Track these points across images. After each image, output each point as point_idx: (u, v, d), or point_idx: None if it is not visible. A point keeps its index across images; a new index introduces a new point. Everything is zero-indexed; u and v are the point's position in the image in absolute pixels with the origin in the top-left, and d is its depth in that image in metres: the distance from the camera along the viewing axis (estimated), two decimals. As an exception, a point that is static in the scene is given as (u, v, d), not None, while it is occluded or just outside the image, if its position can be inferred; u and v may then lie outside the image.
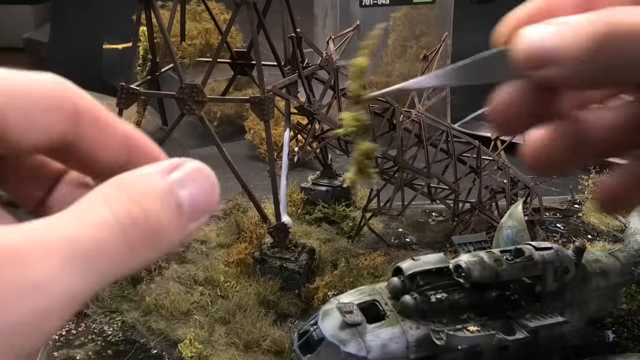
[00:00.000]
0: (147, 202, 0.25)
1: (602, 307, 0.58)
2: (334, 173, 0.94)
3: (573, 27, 0.31)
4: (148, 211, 0.25)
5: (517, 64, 0.33)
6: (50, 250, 0.23)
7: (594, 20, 0.31)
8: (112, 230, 0.24)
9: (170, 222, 0.26)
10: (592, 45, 0.30)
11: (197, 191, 0.27)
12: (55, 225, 0.24)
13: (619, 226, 0.89)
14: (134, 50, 0.65)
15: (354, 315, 0.45)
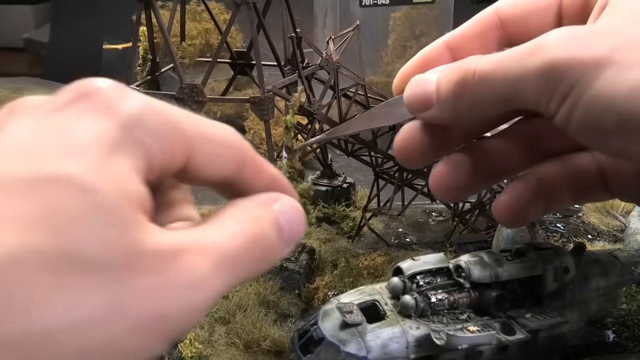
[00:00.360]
0: (264, 225, 0.33)
1: (602, 307, 0.58)
2: (334, 173, 0.94)
3: (441, 75, 0.39)
4: (265, 233, 0.33)
5: (408, 108, 0.41)
6: (206, 253, 0.29)
7: (454, 68, 0.38)
8: (243, 244, 0.31)
9: (277, 244, 0.34)
10: (452, 90, 0.38)
11: (293, 222, 0.35)
12: (206, 232, 0.30)
13: (619, 226, 0.89)
14: (134, 50, 0.65)
15: (354, 315, 0.45)
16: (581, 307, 0.56)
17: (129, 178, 0.28)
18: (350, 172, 1.01)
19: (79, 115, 0.28)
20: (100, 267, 0.26)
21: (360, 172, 1.04)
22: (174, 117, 0.31)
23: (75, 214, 0.26)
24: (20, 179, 0.26)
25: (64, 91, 0.30)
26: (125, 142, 0.29)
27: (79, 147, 0.27)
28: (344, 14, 1.31)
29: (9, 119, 0.29)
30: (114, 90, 0.30)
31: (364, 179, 1.01)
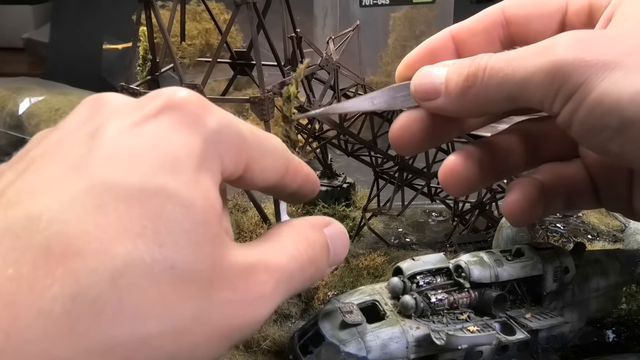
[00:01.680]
0: (316, 248, 0.36)
1: (602, 307, 0.58)
2: (334, 173, 0.94)
3: (451, 69, 0.41)
4: (317, 256, 0.36)
5: (414, 96, 0.43)
6: (271, 272, 0.33)
7: (466, 63, 0.40)
8: (298, 265, 0.35)
9: (324, 265, 0.37)
10: (462, 83, 0.39)
11: (339, 247, 0.39)
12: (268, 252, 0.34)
13: (619, 226, 0.89)
14: (134, 50, 0.65)
15: (354, 315, 0.45)
16: (581, 307, 0.56)
17: (213, 193, 0.31)
18: (350, 172, 1.01)
19: (171, 127, 0.30)
20: (191, 279, 0.28)
21: (360, 172, 1.04)
22: (242, 132, 0.33)
23: (176, 228, 0.28)
24: (128, 189, 0.27)
25: (150, 98, 0.31)
26: (209, 157, 0.31)
27: (176, 161, 0.29)
28: (344, 14, 1.31)
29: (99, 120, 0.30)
30: (198, 103, 0.32)
31: (364, 179, 1.01)
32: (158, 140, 0.29)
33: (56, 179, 0.27)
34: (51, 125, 1.23)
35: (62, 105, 1.20)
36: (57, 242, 0.25)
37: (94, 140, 0.29)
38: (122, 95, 0.34)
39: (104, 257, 0.25)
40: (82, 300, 0.25)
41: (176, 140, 0.30)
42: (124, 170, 0.28)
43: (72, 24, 1.61)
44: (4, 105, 1.20)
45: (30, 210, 0.26)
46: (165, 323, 0.27)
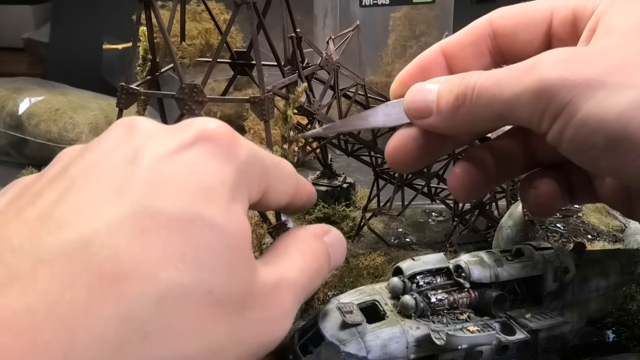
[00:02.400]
0: (321, 259, 0.38)
1: (602, 307, 0.58)
2: (334, 173, 0.94)
3: (442, 87, 0.41)
4: (322, 265, 0.38)
5: (407, 114, 0.43)
6: (289, 288, 0.35)
7: (456, 82, 0.40)
8: (308, 277, 0.37)
9: (327, 272, 0.39)
10: (452, 102, 0.40)
11: (338, 253, 0.42)
12: (285, 269, 0.36)
13: (619, 226, 0.89)
14: (134, 50, 0.65)
15: (354, 315, 0.45)
16: (581, 307, 0.56)
17: (245, 220, 0.33)
18: (350, 172, 1.01)
19: (206, 157, 0.32)
20: (227, 301, 0.30)
21: (360, 172, 1.04)
22: (265, 161, 0.36)
23: (213, 253, 0.29)
24: (169, 215, 0.29)
25: (184, 127, 0.33)
26: (240, 186, 0.33)
27: (212, 190, 0.31)
28: (344, 14, 1.31)
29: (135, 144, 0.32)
30: (229, 135, 0.34)
31: (364, 179, 1.01)
32: (194, 169, 0.31)
33: (101, 202, 0.28)
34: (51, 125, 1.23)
35: (62, 105, 1.20)
36: (109, 266, 0.26)
37: (134, 165, 0.30)
38: (152, 120, 0.35)
39: (150, 281, 0.27)
40: (131, 323, 0.26)
41: (211, 170, 0.32)
42: (164, 197, 0.29)
43: (72, 24, 1.61)
44: (4, 105, 1.20)
45: (82, 233, 0.27)
46: (203, 344, 0.29)
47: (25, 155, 1.18)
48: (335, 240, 0.41)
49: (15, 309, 0.24)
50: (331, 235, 0.41)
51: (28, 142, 1.17)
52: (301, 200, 0.40)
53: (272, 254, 0.38)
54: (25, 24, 1.86)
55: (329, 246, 0.40)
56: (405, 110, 0.43)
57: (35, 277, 0.25)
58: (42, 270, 0.26)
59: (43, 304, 0.25)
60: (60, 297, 0.25)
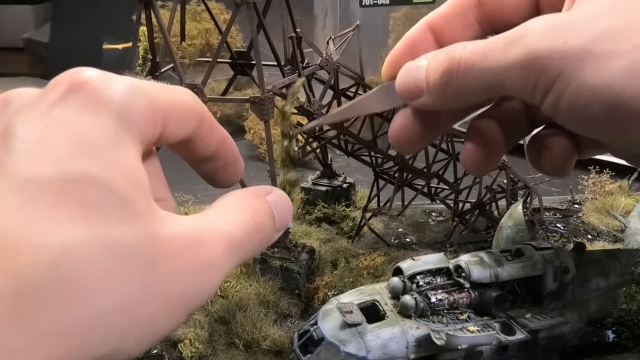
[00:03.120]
0: (262, 215, 0.37)
1: (602, 307, 0.58)
2: (334, 173, 0.94)
3: (429, 64, 0.40)
4: (263, 221, 0.37)
5: (401, 96, 0.42)
6: (218, 240, 0.33)
7: (441, 58, 0.39)
8: (246, 232, 0.35)
9: (271, 231, 0.38)
10: (439, 80, 0.39)
11: (283, 213, 0.39)
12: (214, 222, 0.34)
13: (619, 226, 0.89)
14: (134, 50, 0.65)
15: (354, 315, 0.45)
16: (581, 307, 0.56)
17: (137, 168, 0.31)
18: (350, 172, 1.01)
19: (78, 110, 0.30)
20: (130, 254, 0.29)
21: (360, 172, 1.04)
22: (153, 93, 0.33)
23: (103, 210, 0.28)
24: (51, 180, 0.28)
25: (52, 85, 0.31)
26: (124, 130, 0.31)
27: (91, 144, 0.29)
28: (344, 14, 1.31)
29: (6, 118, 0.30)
30: (100, 79, 0.31)
31: (364, 179, 1.01)
32: (68, 126, 0.30)
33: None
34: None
35: (62, 105, 1.20)
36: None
37: (6, 139, 0.29)
38: (29, 88, 0.34)
39: (41, 248, 0.26)
40: (26, 292, 0.26)
41: (87, 122, 0.30)
42: (43, 163, 0.28)
43: (72, 24, 1.62)
44: None
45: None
46: (113, 300, 0.28)
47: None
48: (278, 199, 0.39)
49: None
50: (274, 194, 0.39)
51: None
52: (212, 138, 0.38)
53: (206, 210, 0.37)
54: (25, 24, 1.86)
55: (272, 205, 0.38)
56: (399, 93, 0.43)
57: None
58: None
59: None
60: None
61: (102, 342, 0.28)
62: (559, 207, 0.96)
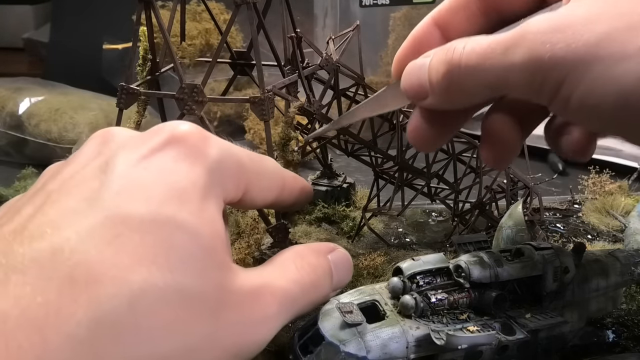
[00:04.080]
0: (319, 273, 0.38)
1: (602, 307, 0.58)
2: (334, 173, 0.94)
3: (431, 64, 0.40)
4: (319, 279, 0.38)
5: (408, 98, 0.42)
6: (275, 295, 0.35)
7: (441, 57, 0.39)
8: (301, 288, 0.37)
9: (327, 290, 0.40)
10: (442, 81, 0.39)
11: (342, 271, 0.42)
12: (272, 277, 0.36)
13: (619, 226, 0.89)
14: (134, 50, 0.65)
15: (354, 315, 0.45)
16: (581, 307, 0.56)
17: (218, 220, 0.33)
18: (350, 172, 1.01)
19: (176, 160, 0.32)
20: (200, 302, 0.30)
21: (360, 172, 1.04)
22: (241, 158, 0.36)
23: (185, 255, 0.30)
24: (140, 220, 0.29)
25: (154, 132, 0.34)
26: (212, 186, 0.33)
27: (183, 191, 0.31)
28: (344, 14, 1.31)
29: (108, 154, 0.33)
30: (199, 135, 0.34)
31: (364, 179, 1.01)
32: (165, 172, 0.32)
33: (74, 212, 0.29)
34: (51, 125, 1.23)
35: (62, 105, 1.20)
36: (79, 271, 0.27)
37: (105, 174, 0.31)
38: (128, 129, 0.36)
39: (122, 283, 0.27)
40: (103, 324, 0.27)
41: (182, 172, 0.32)
42: (135, 202, 0.30)
43: (72, 24, 1.61)
44: (4, 105, 1.20)
45: (53, 242, 0.28)
46: (178, 343, 0.29)
47: (25, 155, 1.18)
48: (339, 258, 0.41)
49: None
50: (336, 253, 0.41)
51: (28, 142, 1.17)
52: (291, 196, 0.40)
53: (265, 264, 0.39)
54: (25, 24, 1.86)
55: (332, 263, 0.40)
56: (405, 95, 0.43)
57: (7, 283, 0.26)
58: (14, 277, 0.26)
59: (15, 309, 0.25)
60: (31, 301, 0.26)
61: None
62: (559, 207, 0.96)
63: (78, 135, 1.15)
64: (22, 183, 0.96)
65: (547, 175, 1.04)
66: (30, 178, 0.99)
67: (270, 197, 0.38)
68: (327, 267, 0.40)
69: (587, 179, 0.99)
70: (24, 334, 0.25)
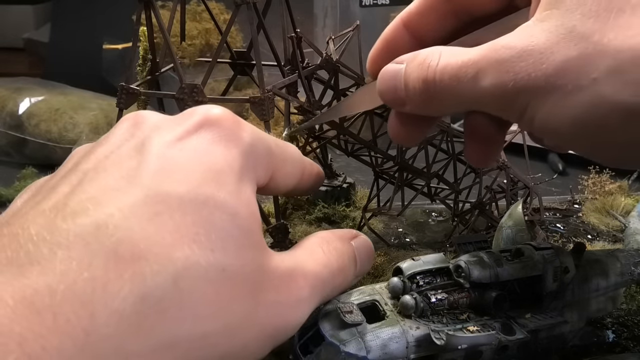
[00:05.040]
0: (345, 258, 0.39)
1: (602, 307, 0.58)
2: (334, 173, 0.94)
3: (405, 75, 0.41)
4: (346, 265, 0.39)
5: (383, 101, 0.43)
6: (307, 279, 0.36)
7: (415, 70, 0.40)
8: (330, 272, 0.37)
9: (352, 275, 0.40)
10: (419, 96, 0.40)
11: (365, 258, 0.42)
12: (303, 260, 0.36)
13: (619, 226, 0.89)
14: (134, 50, 0.65)
15: (354, 315, 0.45)
16: (581, 307, 0.56)
17: (253, 202, 0.34)
18: (350, 172, 1.01)
19: (211, 142, 0.33)
20: (240, 281, 0.30)
21: (360, 172, 1.04)
22: (270, 144, 0.37)
23: (224, 234, 0.30)
24: (180, 199, 0.30)
25: (187, 115, 0.34)
26: (247, 169, 0.34)
27: (220, 172, 0.32)
28: (344, 14, 1.31)
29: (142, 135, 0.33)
30: (233, 120, 0.35)
31: (364, 179, 1.01)
32: (201, 153, 0.32)
33: (113, 189, 0.30)
34: (51, 125, 1.23)
35: (62, 105, 1.20)
36: (124, 247, 0.27)
37: (142, 154, 0.31)
38: (157, 113, 0.36)
39: (166, 260, 0.28)
40: (149, 300, 0.27)
41: (218, 153, 0.32)
42: (174, 182, 0.30)
43: (72, 24, 1.61)
44: (4, 105, 1.20)
45: (96, 218, 0.28)
46: (219, 322, 0.29)
47: (25, 155, 1.18)
48: (362, 244, 0.41)
49: (35, 289, 0.25)
50: (359, 240, 0.42)
51: (28, 142, 1.17)
52: (309, 181, 0.41)
53: (294, 248, 0.39)
54: (25, 24, 1.86)
55: (355, 250, 0.40)
56: (382, 100, 0.43)
57: (53, 259, 0.26)
58: (59, 253, 0.26)
59: (62, 284, 0.26)
60: (78, 276, 0.26)
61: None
62: (559, 207, 0.96)
63: (78, 135, 1.15)
64: (22, 183, 0.96)
65: (547, 175, 1.04)
66: (30, 178, 0.98)
67: (292, 183, 0.39)
68: (352, 253, 0.41)
69: (587, 179, 0.99)
70: (72, 309, 0.25)
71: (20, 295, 0.25)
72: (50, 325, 0.25)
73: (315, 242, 0.39)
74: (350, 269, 0.40)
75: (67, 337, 0.25)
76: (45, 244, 0.27)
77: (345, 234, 0.42)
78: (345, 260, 0.39)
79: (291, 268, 0.35)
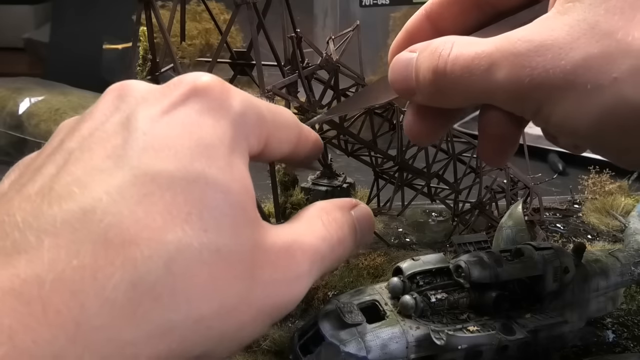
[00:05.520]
0: (345, 229, 0.37)
1: (602, 307, 0.58)
2: (334, 173, 0.94)
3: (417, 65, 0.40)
4: (345, 235, 0.37)
5: (397, 93, 0.42)
6: (305, 252, 0.34)
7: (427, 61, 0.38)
8: (329, 245, 0.35)
9: (352, 245, 0.38)
10: (429, 87, 0.38)
11: (365, 227, 0.40)
12: (301, 233, 0.34)
13: (619, 226, 0.89)
14: (134, 50, 0.65)
15: (354, 315, 0.45)
16: (581, 307, 0.56)
17: (246, 176, 0.32)
18: (350, 172, 1.01)
19: (200, 113, 0.31)
20: (236, 260, 0.29)
21: (360, 172, 1.04)
22: (261, 110, 0.35)
23: (217, 213, 0.29)
24: (170, 177, 0.28)
25: (174, 85, 0.32)
26: (238, 140, 0.32)
27: (210, 146, 0.30)
28: (344, 14, 1.31)
29: (127, 109, 0.31)
30: (222, 87, 0.33)
31: (364, 179, 1.01)
32: (190, 127, 0.30)
33: (99, 171, 0.28)
34: (51, 125, 1.23)
35: (62, 105, 1.20)
36: (113, 232, 0.26)
37: (128, 130, 0.30)
38: (143, 82, 0.34)
39: (157, 244, 0.27)
40: (141, 286, 0.26)
41: (207, 125, 0.31)
42: (163, 159, 0.29)
43: (72, 24, 1.61)
44: (4, 105, 1.21)
45: (83, 203, 0.27)
46: (215, 304, 0.28)
47: (25, 155, 1.18)
48: (362, 213, 0.40)
49: (24, 279, 0.25)
50: (359, 209, 0.40)
51: (28, 142, 1.18)
52: (305, 148, 0.39)
53: (291, 221, 0.37)
54: (25, 24, 1.86)
55: (355, 219, 0.39)
56: (394, 90, 0.42)
57: (41, 247, 0.25)
58: (47, 240, 0.26)
59: (51, 273, 0.25)
60: (66, 264, 0.25)
61: (200, 344, 0.28)
62: (559, 207, 0.96)
63: (78, 135, 1.15)
64: (22, 183, 0.96)
65: (547, 175, 1.04)
66: (30, 178, 0.98)
67: (287, 149, 0.37)
68: (352, 223, 0.38)
69: (587, 179, 0.99)
70: (62, 299, 0.25)
71: (8, 285, 0.24)
72: (40, 317, 0.24)
73: (314, 213, 0.37)
74: (350, 240, 0.38)
75: (58, 329, 0.24)
76: (32, 231, 0.26)
77: (345, 203, 0.40)
78: (345, 231, 0.37)
79: (289, 243, 0.33)
